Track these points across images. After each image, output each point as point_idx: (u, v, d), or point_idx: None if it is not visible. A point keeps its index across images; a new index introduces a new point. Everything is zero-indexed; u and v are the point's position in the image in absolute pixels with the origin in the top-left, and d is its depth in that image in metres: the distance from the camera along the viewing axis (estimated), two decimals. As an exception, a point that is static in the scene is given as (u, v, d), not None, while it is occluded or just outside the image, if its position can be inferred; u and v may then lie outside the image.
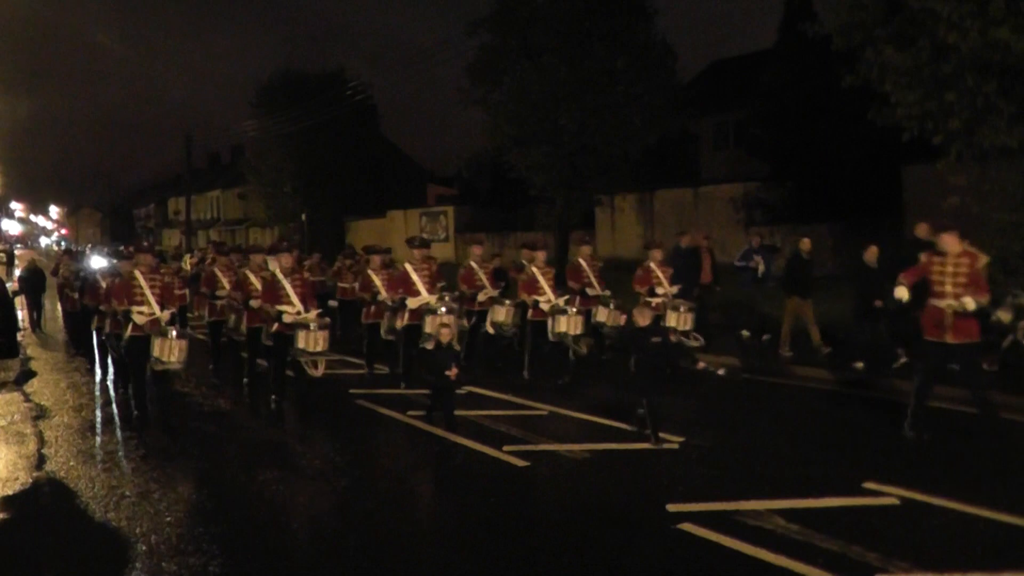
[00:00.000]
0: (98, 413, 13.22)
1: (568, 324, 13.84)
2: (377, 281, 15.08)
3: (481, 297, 15.15)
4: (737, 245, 23.90)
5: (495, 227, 43.92)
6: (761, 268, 18.31)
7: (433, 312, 13.27)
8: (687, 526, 7.32)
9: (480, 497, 8.59)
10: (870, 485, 8.33)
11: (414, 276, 13.93)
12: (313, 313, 12.74)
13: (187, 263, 26.43)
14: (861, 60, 14.54)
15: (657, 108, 31.14)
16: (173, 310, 12.85)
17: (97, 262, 19.72)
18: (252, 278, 14.14)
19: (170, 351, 11.69)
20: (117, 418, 12.82)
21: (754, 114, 32.36)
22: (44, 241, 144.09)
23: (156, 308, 12.07)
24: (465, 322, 15.20)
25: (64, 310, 21.79)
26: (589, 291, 15.18)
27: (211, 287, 15.50)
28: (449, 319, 12.76)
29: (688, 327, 14.42)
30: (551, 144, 31.42)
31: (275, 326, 12.68)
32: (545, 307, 14.24)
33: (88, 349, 18.50)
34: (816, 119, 27.65)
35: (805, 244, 16.15)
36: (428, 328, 13.03)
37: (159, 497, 8.71)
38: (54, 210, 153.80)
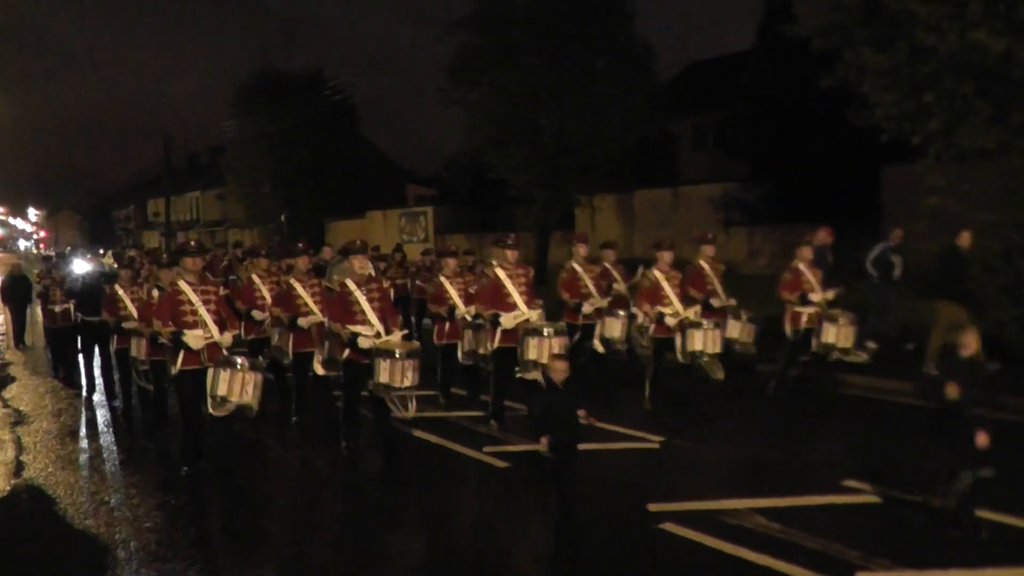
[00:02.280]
0: (77, 419, 13.11)
1: (704, 341, 11.54)
2: (453, 292, 12.43)
3: (587, 308, 12.47)
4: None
5: (475, 228, 43.89)
6: (898, 270, 15.72)
7: (537, 333, 10.63)
8: (668, 526, 7.35)
9: (461, 498, 8.59)
10: (850, 483, 8.37)
11: (509, 285, 10.94)
12: (397, 335, 9.88)
13: None
14: (840, 61, 14.59)
15: (636, 109, 31.27)
16: (235, 332, 10.00)
17: (80, 266, 18.75)
18: (299, 288, 11.52)
19: (241, 387, 9.00)
20: (99, 423, 12.75)
21: (733, 115, 32.46)
22: (23, 244, 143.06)
23: (215, 330, 9.39)
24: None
25: (44, 326, 18.35)
26: (714, 301, 12.49)
27: (249, 302, 12.62)
28: (560, 343, 10.49)
29: (849, 344, 12.14)
30: (530, 144, 31.50)
31: (345, 352, 9.80)
32: (671, 321, 11.75)
33: (71, 373, 16.45)
34: (795, 120, 27.73)
35: (964, 238, 13.46)
36: (531, 354, 10.48)
37: (138, 503, 8.68)
38: (33, 213, 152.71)
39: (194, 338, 9.17)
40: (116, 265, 17.42)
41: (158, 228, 79.28)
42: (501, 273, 11.03)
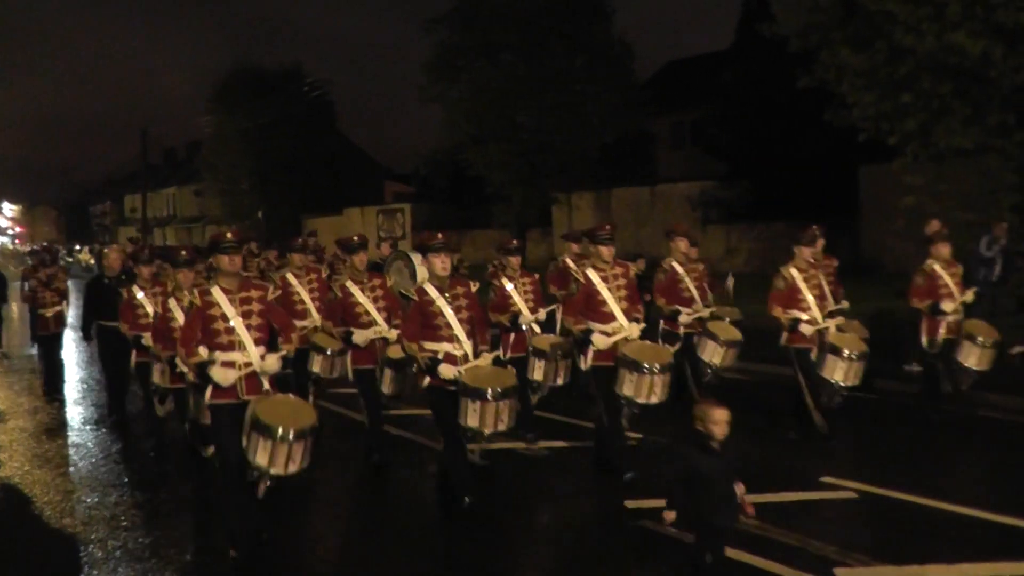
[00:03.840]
0: (54, 417, 13.01)
1: (845, 372, 9.61)
2: (517, 296, 10.22)
3: (684, 318, 10.73)
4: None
5: (453, 225, 43.88)
6: (998, 269, 13.81)
7: (637, 368, 8.37)
8: (647, 523, 7.35)
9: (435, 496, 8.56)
10: (827, 479, 8.41)
11: (604, 291, 8.67)
12: (487, 360, 7.87)
13: None
14: (818, 61, 14.71)
15: (614, 107, 31.41)
16: (287, 351, 7.31)
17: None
18: (357, 292, 9.39)
19: (286, 458, 6.62)
20: (75, 422, 12.64)
21: (711, 114, 32.61)
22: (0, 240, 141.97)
23: (255, 354, 7.01)
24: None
25: (35, 333, 15.21)
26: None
27: (287, 309, 9.52)
28: (665, 381, 8.53)
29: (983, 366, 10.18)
30: (509, 142, 31.57)
31: (425, 379, 7.72)
32: (808, 330, 9.65)
33: (60, 386, 14.47)
34: (773, 119, 27.87)
35: None
36: (627, 390, 8.40)
37: (115, 501, 8.61)
38: (8, 208, 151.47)
39: (223, 375, 6.83)
40: (93, 261, 16.37)
41: (135, 224, 78.90)
42: (593, 275, 8.70)
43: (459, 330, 7.72)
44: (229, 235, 7.21)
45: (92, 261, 55.57)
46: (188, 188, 77.04)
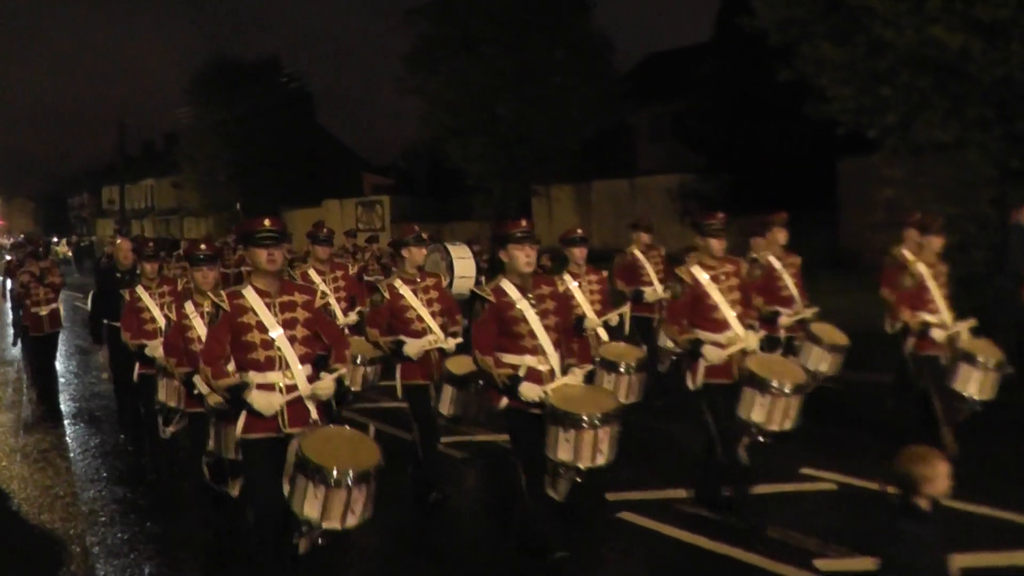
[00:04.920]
0: (31, 411, 12.91)
1: (982, 384, 8.34)
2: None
3: (785, 320, 9.41)
4: (674, 236, 24.02)
5: (432, 217, 43.78)
6: None
7: (767, 389, 6.93)
8: (626, 515, 7.36)
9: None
10: (807, 471, 8.43)
11: (715, 293, 7.15)
12: (578, 376, 6.43)
13: None
14: (797, 55, 14.73)
15: (594, 100, 31.44)
16: (342, 371, 5.85)
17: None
18: (410, 296, 7.89)
19: (344, 509, 5.26)
20: (53, 416, 12.52)
21: (691, 106, 32.63)
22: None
23: (299, 373, 5.63)
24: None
25: (27, 334, 13.46)
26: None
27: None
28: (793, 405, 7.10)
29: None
30: (488, 134, 31.57)
31: (503, 400, 6.43)
32: (939, 335, 8.41)
33: (51, 393, 13.35)
34: (752, 112, 27.92)
35: None
36: (757, 415, 6.97)
37: (93, 496, 8.58)
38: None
39: (265, 400, 5.47)
40: (70, 254, 14.48)
41: (113, 216, 78.42)
42: (701, 274, 7.19)
43: (545, 340, 6.37)
44: (267, 222, 5.68)
45: (70, 254, 55.32)
46: (166, 180, 76.48)
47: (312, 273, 9.64)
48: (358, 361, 8.77)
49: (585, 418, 6.10)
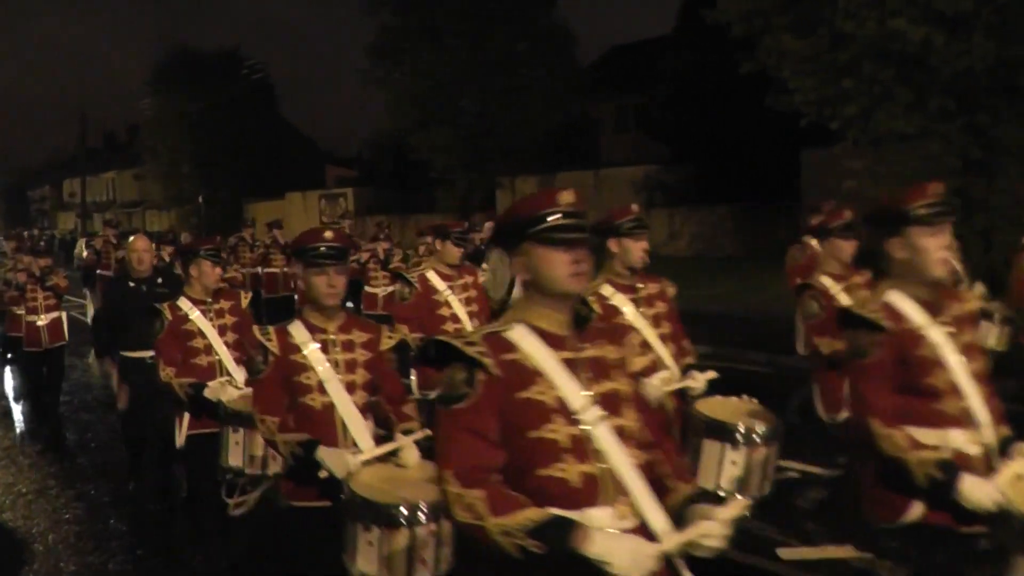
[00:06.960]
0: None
1: None
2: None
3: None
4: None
5: (396, 209, 43.64)
6: None
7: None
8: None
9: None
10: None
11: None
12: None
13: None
14: (760, 47, 14.79)
15: (558, 92, 31.53)
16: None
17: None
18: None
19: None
20: (14, 414, 12.38)
21: (654, 98, 32.73)
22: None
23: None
24: None
25: (22, 348, 10.94)
26: None
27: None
28: None
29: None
30: (452, 126, 31.58)
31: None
32: None
33: (41, 416, 11.40)
34: (716, 104, 28.05)
35: None
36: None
37: (57, 494, 8.48)
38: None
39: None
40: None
41: (74, 209, 77.69)
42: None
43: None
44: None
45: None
46: (128, 172, 75.90)
47: (433, 277, 7.08)
48: None
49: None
